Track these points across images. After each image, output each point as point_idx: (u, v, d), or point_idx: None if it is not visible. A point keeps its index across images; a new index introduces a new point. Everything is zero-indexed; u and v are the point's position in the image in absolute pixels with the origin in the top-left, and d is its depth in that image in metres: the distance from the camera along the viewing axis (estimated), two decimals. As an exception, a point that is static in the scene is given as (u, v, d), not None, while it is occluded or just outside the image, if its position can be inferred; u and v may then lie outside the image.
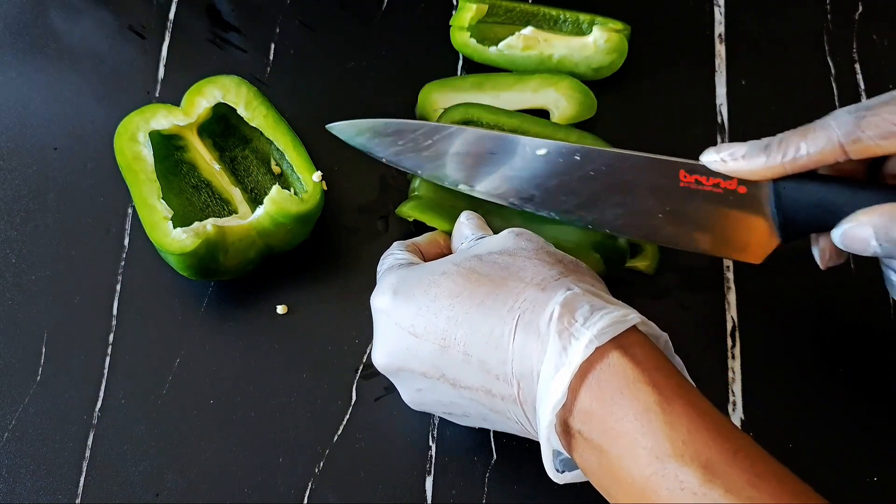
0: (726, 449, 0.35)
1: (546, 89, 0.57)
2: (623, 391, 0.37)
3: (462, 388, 0.41)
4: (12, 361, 0.51)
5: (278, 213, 0.49)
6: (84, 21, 0.61)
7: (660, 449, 0.35)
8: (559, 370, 0.37)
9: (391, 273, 0.44)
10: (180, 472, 0.49)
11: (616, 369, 0.37)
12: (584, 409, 0.37)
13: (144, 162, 0.51)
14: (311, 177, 0.51)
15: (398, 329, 0.42)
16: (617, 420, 0.36)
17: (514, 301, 0.39)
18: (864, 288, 0.55)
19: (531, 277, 0.40)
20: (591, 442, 0.38)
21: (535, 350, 0.38)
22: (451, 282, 0.41)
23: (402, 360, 0.43)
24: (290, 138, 0.52)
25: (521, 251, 0.43)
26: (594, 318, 0.38)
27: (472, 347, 0.40)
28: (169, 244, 0.48)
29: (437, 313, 0.41)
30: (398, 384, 0.45)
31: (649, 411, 0.36)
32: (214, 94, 0.53)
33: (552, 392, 0.37)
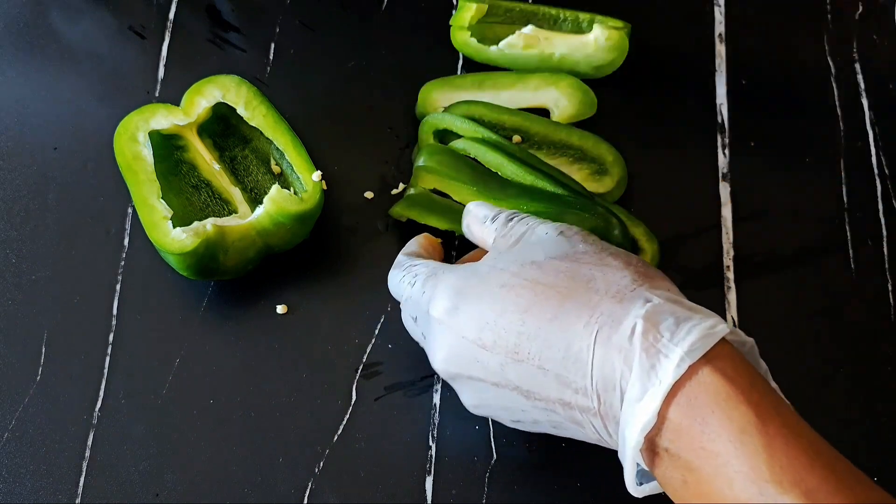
0: (827, 475, 0.34)
1: (546, 88, 0.57)
2: (715, 410, 0.35)
3: (537, 400, 0.40)
4: (12, 361, 0.51)
5: (278, 213, 0.49)
6: (84, 21, 0.61)
7: (756, 474, 0.34)
8: (648, 391, 0.35)
9: (444, 279, 0.43)
10: (180, 472, 0.49)
11: (708, 387, 0.35)
12: (673, 428, 0.36)
13: (144, 162, 0.51)
14: (310, 176, 0.51)
15: (463, 340, 0.41)
16: (709, 440, 0.35)
17: (590, 315, 0.38)
18: (865, 288, 0.55)
19: (604, 288, 0.39)
20: (679, 460, 0.36)
21: (617, 366, 0.37)
22: (516, 295, 0.40)
23: (469, 370, 0.42)
24: (290, 138, 0.52)
25: (584, 256, 0.41)
26: (681, 331, 0.36)
27: (547, 362, 0.39)
28: (169, 244, 0.48)
29: (508, 328, 0.40)
30: (459, 389, 0.44)
31: (744, 433, 0.34)
32: (214, 94, 0.53)
33: (641, 413, 0.36)
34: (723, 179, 0.57)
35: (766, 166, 0.58)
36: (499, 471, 0.49)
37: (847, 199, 0.57)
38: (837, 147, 0.59)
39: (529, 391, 0.40)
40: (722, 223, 0.56)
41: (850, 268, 0.55)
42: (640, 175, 0.56)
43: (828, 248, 0.56)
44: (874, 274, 0.55)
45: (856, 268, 0.55)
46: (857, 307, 0.54)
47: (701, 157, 0.58)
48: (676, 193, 0.57)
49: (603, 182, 0.55)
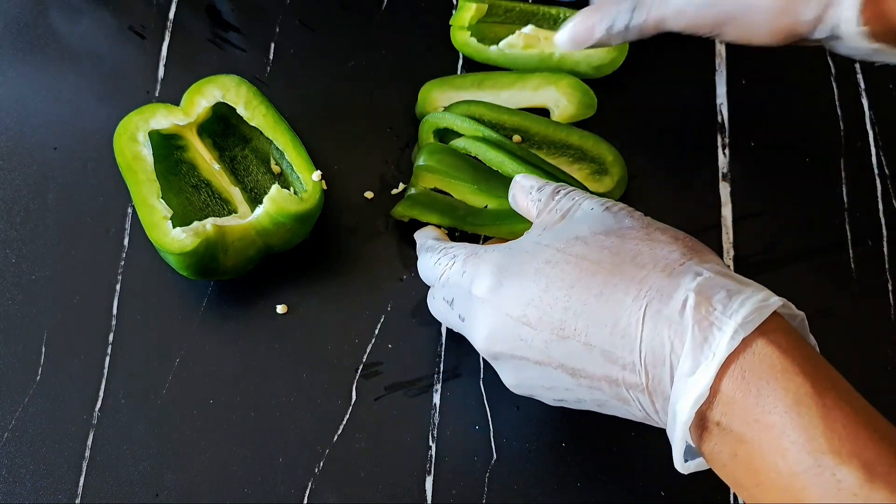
0: (885, 448, 0.33)
1: (546, 88, 0.57)
2: (770, 381, 0.34)
3: (582, 378, 0.39)
4: (12, 361, 0.51)
5: (278, 213, 0.49)
6: (84, 21, 0.61)
7: (813, 444, 0.33)
8: (700, 364, 0.35)
9: (485, 257, 0.43)
10: (180, 472, 0.49)
11: (762, 358, 0.35)
12: (726, 401, 0.35)
13: (144, 161, 0.51)
14: (310, 176, 0.51)
15: (508, 318, 0.41)
16: (764, 411, 0.34)
17: (638, 289, 0.38)
18: (864, 288, 0.55)
19: (652, 263, 0.38)
20: (731, 433, 0.36)
21: (666, 340, 0.36)
22: (561, 271, 0.40)
23: (512, 348, 0.41)
24: (290, 138, 0.52)
25: (630, 231, 0.41)
26: (733, 304, 0.36)
27: (594, 338, 0.38)
28: (168, 244, 0.48)
29: (553, 304, 0.39)
30: (501, 369, 0.43)
31: (800, 403, 0.34)
32: (214, 94, 0.53)
33: (693, 387, 0.35)
34: (723, 179, 0.57)
35: (766, 166, 0.58)
36: (499, 471, 0.49)
37: (847, 199, 0.57)
38: (837, 147, 0.59)
39: (574, 369, 0.39)
40: (722, 223, 0.56)
41: (850, 268, 0.55)
42: (640, 175, 0.56)
43: (828, 248, 0.56)
44: (874, 274, 0.55)
45: (856, 268, 0.55)
46: (857, 307, 0.54)
47: (701, 157, 0.58)
48: (676, 193, 0.57)
49: (603, 182, 0.55)
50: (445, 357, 0.52)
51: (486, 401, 0.51)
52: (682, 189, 0.57)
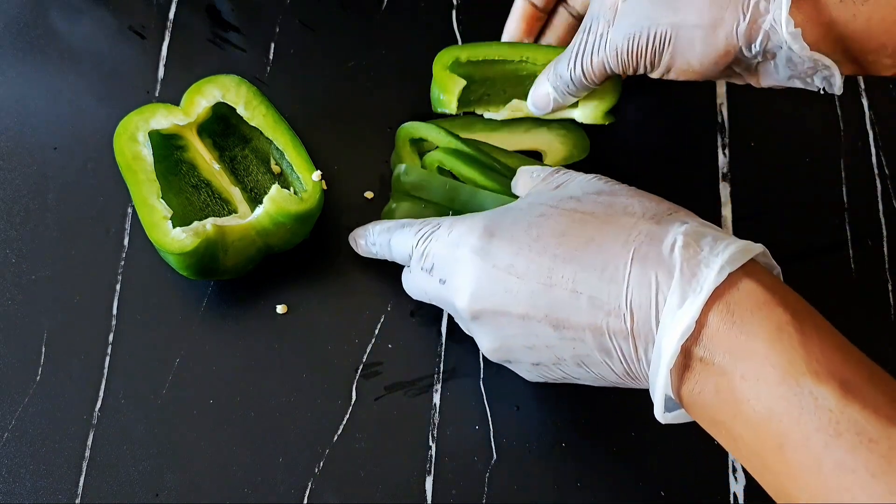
0: (862, 369, 0.35)
1: (538, 130, 0.56)
2: (754, 312, 0.36)
3: (565, 329, 0.40)
4: (12, 361, 0.51)
5: (278, 213, 0.49)
6: (84, 21, 0.61)
7: (793, 367, 0.35)
8: (688, 298, 0.37)
9: (476, 217, 0.44)
10: (180, 472, 0.49)
11: (746, 292, 0.37)
12: (711, 333, 0.37)
13: (144, 161, 0.51)
14: (310, 176, 0.51)
15: (495, 270, 0.41)
16: (746, 339, 0.36)
17: (628, 235, 0.39)
18: (864, 288, 0.55)
19: (642, 212, 0.40)
20: (712, 366, 0.37)
21: (653, 280, 0.38)
22: (554, 221, 0.41)
23: (498, 302, 0.42)
24: (290, 138, 0.52)
25: (620, 191, 0.43)
26: (719, 246, 0.38)
27: (581, 284, 0.39)
28: (168, 244, 0.48)
29: (542, 252, 0.40)
30: (481, 331, 0.44)
31: (781, 331, 0.36)
32: (214, 94, 0.53)
33: (680, 320, 0.37)
34: (723, 179, 0.57)
35: (766, 166, 0.58)
36: (499, 471, 0.49)
37: (847, 199, 0.57)
38: (837, 147, 0.59)
39: (559, 319, 0.40)
40: (722, 223, 0.56)
41: (850, 268, 0.55)
42: (640, 175, 0.56)
43: (828, 248, 0.56)
44: (874, 274, 0.55)
45: (856, 268, 0.55)
46: (857, 307, 0.54)
47: (701, 157, 0.58)
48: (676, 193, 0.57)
49: None
50: (445, 357, 0.52)
51: (486, 401, 0.51)
52: (682, 189, 0.57)
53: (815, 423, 0.34)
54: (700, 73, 0.47)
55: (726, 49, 0.45)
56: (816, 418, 0.34)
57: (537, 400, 0.51)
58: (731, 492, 0.49)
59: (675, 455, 0.49)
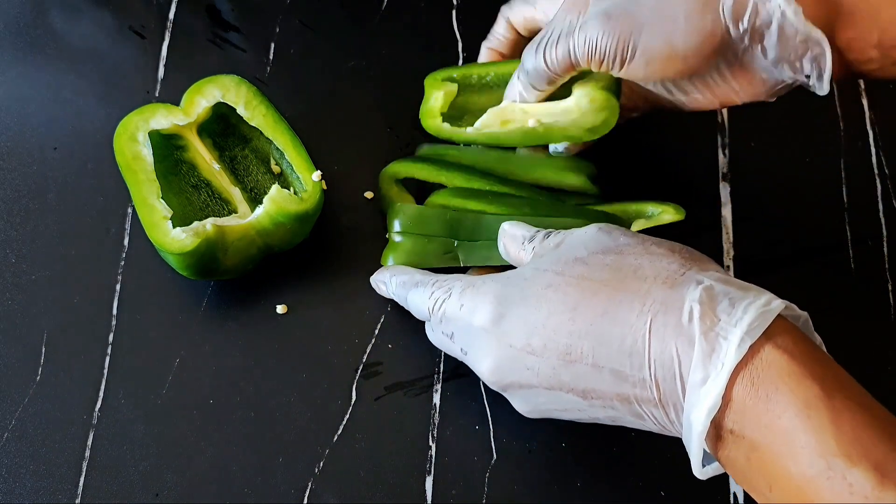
0: (894, 447, 0.33)
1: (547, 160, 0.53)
2: (779, 386, 0.35)
3: (594, 399, 0.39)
4: (12, 361, 0.51)
5: (278, 213, 0.49)
6: (84, 21, 0.61)
7: (824, 448, 0.33)
8: (710, 375, 0.35)
9: (482, 288, 0.42)
10: (180, 472, 0.49)
11: (771, 364, 0.35)
12: (738, 408, 0.35)
13: (144, 161, 0.51)
14: (310, 176, 0.51)
15: (511, 349, 0.40)
16: (775, 416, 0.34)
17: (642, 304, 0.38)
18: (864, 288, 0.55)
19: (653, 275, 0.38)
20: (744, 440, 0.36)
21: (674, 353, 0.36)
22: (563, 294, 0.39)
23: (520, 377, 0.41)
24: (290, 138, 0.52)
25: (626, 248, 0.40)
26: (737, 312, 0.36)
27: (601, 359, 0.38)
28: (168, 244, 0.48)
29: (557, 329, 0.39)
30: (511, 397, 0.43)
31: (810, 407, 0.34)
32: (214, 94, 0.53)
33: (705, 398, 0.35)
34: (723, 179, 0.57)
35: (766, 166, 0.58)
36: (499, 471, 0.49)
37: (847, 199, 0.57)
38: (837, 147, 0.59)
39: (585, 391, 0.39)
40: (722, 223, 0.56)
41: (850, 268, 0.55)
42: (641, 175, 0.56)
43: (828, 248, 0.56)
44: (874, 274, 0.55)
45: (856, 268, 0.55)
46: (857, 307, 0.54)
47: (701, 157, 0.58)
48: (676, 193, 0.57)
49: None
50: (445, 357, 0.52)
51: (486, 401, 0.51)
52: (682, 189, 0.57)
53: None
54: (683, 58, 0.44)
55: (712, 28, 0.43)
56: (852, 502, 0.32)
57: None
58: (731, 492, 0.49)
59: (675, 455, 0.49)
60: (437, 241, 0.51)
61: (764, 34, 0.43)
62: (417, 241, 0.51)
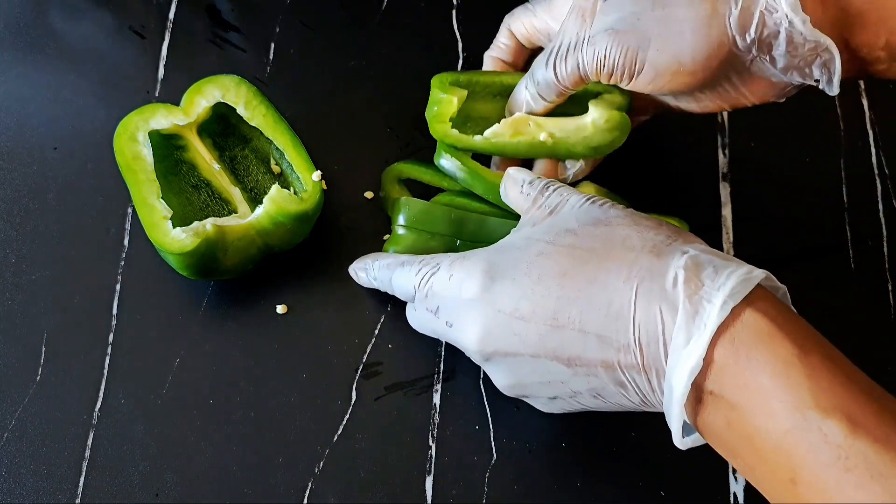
0: (870, 401, 0.35)
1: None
2: (759, 346, 0.36)
3: (578, 366, 0.40)
4: (12, 361, 0.51)
5: (278, 213, 0.49)
6: (84, 21, 0.61)
7: (800, 402, 0.35)
8: (693, 336, 0.37)
9: (473, 258, 0.43)
10: (180, 472, 0.49)
11: (750, 326, 0.36)
12: (718, 369, 0.37)
13: (144, 161, 0.51)
14: (310, 176, 0.51)
15: (500, 315, 0.41)
16: (753, 375, 0.36)
17: (629, 270, 0.39)
18: (864, 288, 0.55)
19: (640, 245, 0.40)
20: (723, 400, 0.37)
21: (659, 317, 0.38)
22: (554, 261, 0.41)
23: (507, 344, 0.41)
24: (290, 138, 0.52)
25: (616, 219, 0.42)
26: (720, 278, 0.37)
27: (588, 323, 0.39)
28: (168, 244, 0.48)
29: (545, 294, 0.40)
30: (495, 369, 0.44)
31: (788, 364, 0.35)
32: (214, 94, 0.53)
33: (687, 359, 0.37)
34: (723, 179, 0.57)
35: (766, 166, 0.58)
36: (499, 471, 0.49)
37: (847, 199, 0.57)
38: (837, 147, 0.59)
39: (570, 357, 0.40)
40: (722, 223, 0.56)
41: (850, 268, 0.55)
42: (641, 175, 0.56)
43: (828, 248, 0.56)
44: (874, 274, 0.55)
45: (856, 268, 0.55)
46: (857, 307, 0.54)
47: (701, 157, 0.58)
48: (676, 193, 0.57)
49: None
50: (445, 357, 0.52)
51: (486, 401, 0.51)
52: (682, 189, 0.57)
53: (825, 459, 0.34)
54: (692, 72, 0.44)
55: (719, 41, 0.43)
56: (826, 454, 0.34)
57: (537, 400, 0.51)
58: (731, 492, 0.49)
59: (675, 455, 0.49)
60: (441, 238, 0.51)
61: (772, 44, 0.43)
62: (420, 236, 0.51)
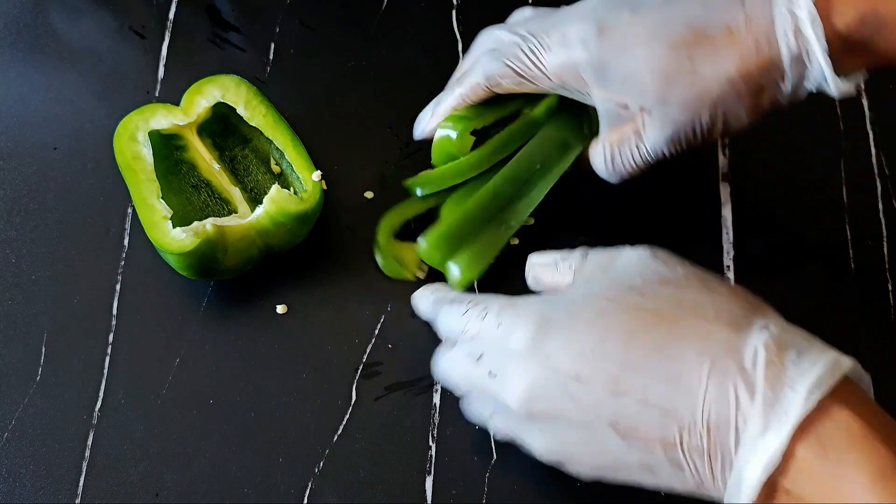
0: None
1: None
2: (850, 451, 0.33)
3: (634, 440, 0.37)
4: (12, 361, 0.51)
5: (278, 213, 0.49)
6: (84, 21, 0.61)
7: None
8: (771, 425, 0.33)
9: (524, 307, 0.40)
10: (180, 472, 0.49)
11: (840, 424, 0.33)
12: (800, 467, 0.34)
13: (144, 161, 0.51)
14: (310, 176, 0.51)
15: (552, 372, 0.37)
16: (843, 482, 0.33)
17: (703, 343, 0.36)
18: (864, 288, 0.55)
19: (716, 316, 0.36)
20: (801, 501, 0.34)
21: (733, 398, 0.34)
22: (619, 322, 0.37)
23: (558, 406, 0.38)
24: (290, 138, 0.52)
25: (686, 280, 0.39)
26: (805, 362, 0.34)
27: (652, 395, 0.36)
28: (168, 244, 0.48)
29: (608, 358, 0.37)
30: (535, 431, 0.40)
31: (885, 476, 0.32)
32: (214, 94, 0.53)
33: (764, 449, 0.33)
34: (723, 179, 0.57)
35: (766, 166, 0.58)
36: (499, 471, 0.49)
37: (847, 199, 0.57)
38: (837, 147, 0.59)
39: (627, 429, 0.37)
40: (722, 223, 0.56)
41: (850, 268, 0.55)
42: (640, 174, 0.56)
43: (828, 248, 0.56)
44: (874, 274, 0.55)
45: (856, 268, 0.55)
46: (857, 307, 0.54)
47: (701, 158, 0.58)
48: (676, 193, 0.57)
49: None
50: (445, 357, 0.52)
51: (486, 401, 0.51)
52: (682, 189, 0.57)
53: None
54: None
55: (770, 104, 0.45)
56: None
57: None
58: (731, 492, 0.49)
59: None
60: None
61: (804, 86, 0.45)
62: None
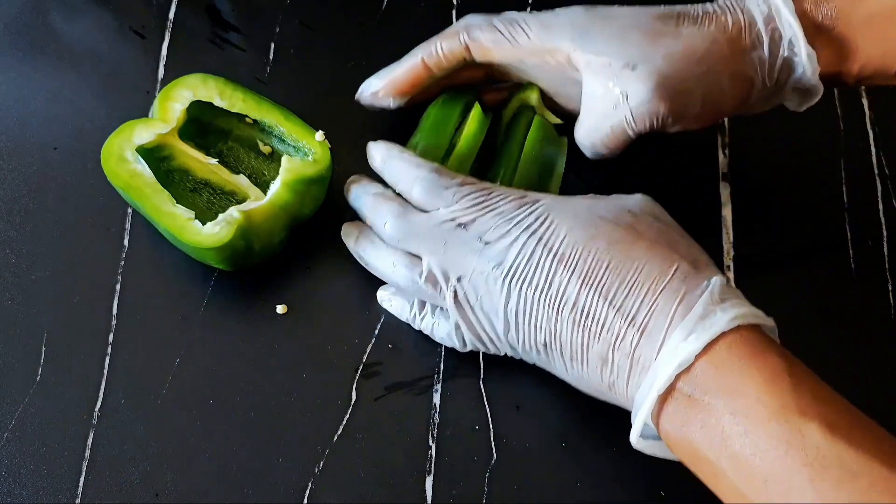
0: (848, 414, 0.37)
1: None
2: (752, 358, 0.39)
3: (583, 328, 0.43)
4: (12, 361, 0.51)
5: (296, 181, 0.50)
6: (84, 21, 0.61)
7: (784, 407, 0.37)
8: (693, 333, 0.39)
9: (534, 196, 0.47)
10: (180, 472, 0.49)
11: (748, 339, 0.40)
12: (703, 371, 0.39)
13: (142, 176, 0.50)
14: (313, 138, 0.51)
15: (545, 249, 0.44)
16: (740, 381, 0.38)
17: (669, 269, 0.42)
18: (864, 288, 0.55)
19: (686, 253, 0.43)
20: (700, 403, 0.39)
21: (671, 313, 0.41)
22: (611, 229, 0.44)
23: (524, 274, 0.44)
24: (279, 111, 0.52)
25: (673, 226, 0.45)
26: (738, 307, 0.40)
27: (611, 292, 0.42)
28: (204, 241, 0.48)
29: (592, 252, 0.43)
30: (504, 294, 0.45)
31: (776, 374, 0.38)
32: (185, 95, 0.52)
33: (680, 352, 0.39)
34: (723, 179, 0.57)
35: (766, 166, 0.58)
36: (499, 471, 0.49)
37: (847, 199, 0.57)
38: (837, 147, 0.59)
39: (582, 315, 0.43)
40: (722, 223, 0.56)
41: (850, 268, 0.55)
42: (641, 174, 0.56)
43: (828, 248, 0.56)
44: (874, 274, 0.55)
45: (856, 268, 0.55)
46: (857, 307, 0.54)
47: (701, 157, 0.58)
48: (676, 193, 0.57)
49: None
50: (445, 357, 0.52)
51: (486, 401, 0.51)
52: (682, 189, 0.57)
53: (801, 458, 0.36)
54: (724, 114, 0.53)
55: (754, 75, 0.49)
56: (803, 453, 0.36)
57: (537, 400, 0.50)
58: (731, 492, 0.49)
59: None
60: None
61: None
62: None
